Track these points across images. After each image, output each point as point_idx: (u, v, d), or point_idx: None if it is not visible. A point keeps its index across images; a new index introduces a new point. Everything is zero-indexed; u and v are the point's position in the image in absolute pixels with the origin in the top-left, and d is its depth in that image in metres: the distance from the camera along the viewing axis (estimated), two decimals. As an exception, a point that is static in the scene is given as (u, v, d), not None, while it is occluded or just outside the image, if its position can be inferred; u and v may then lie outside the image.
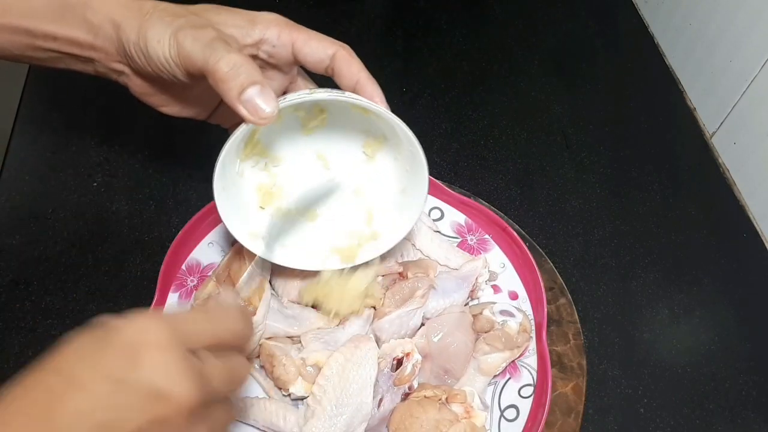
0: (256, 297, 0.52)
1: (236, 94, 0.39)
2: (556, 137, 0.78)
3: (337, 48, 0.45)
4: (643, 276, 0.66)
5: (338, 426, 0.48)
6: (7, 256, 0.62)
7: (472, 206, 0.63)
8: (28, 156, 0.70)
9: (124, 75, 0.46)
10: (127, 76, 0.46)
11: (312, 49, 0.45)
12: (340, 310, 0.53)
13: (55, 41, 0.44)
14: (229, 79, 0.39)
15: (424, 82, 0.82)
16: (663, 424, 0.57)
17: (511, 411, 0.54)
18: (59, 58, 0.46)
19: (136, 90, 0.47)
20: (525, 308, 0.58)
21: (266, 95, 0.40)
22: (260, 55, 0.46)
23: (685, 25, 0.83)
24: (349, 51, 0.46)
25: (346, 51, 0.45)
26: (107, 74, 0.47)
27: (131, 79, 0.47)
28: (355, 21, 0.88)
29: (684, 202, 0.72)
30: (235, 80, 0.39)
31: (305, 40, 0.45)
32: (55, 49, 0.45)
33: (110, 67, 0.46)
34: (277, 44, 0.45)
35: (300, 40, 0.45)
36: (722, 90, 0.75)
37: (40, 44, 0.44)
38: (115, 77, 0.47)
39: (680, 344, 0.62)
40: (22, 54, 0.45)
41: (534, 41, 0.89)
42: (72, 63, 0.46)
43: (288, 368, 0.51)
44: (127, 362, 0.28)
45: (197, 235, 0.60)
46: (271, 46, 0.45)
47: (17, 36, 0.44)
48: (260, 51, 0.46)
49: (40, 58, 0.46)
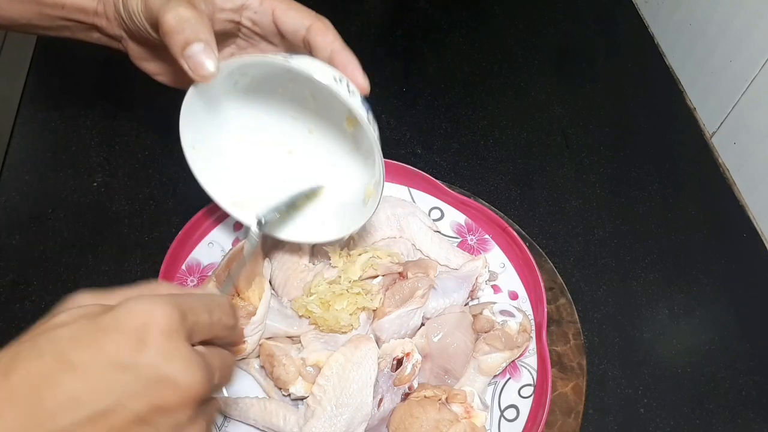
0: (256, 297, 0.52)
1: (179, 48, 0.40)
2: (556, 137, 0.78)
3: (313, 20, 0.45)
4: (643, 276, 0.66)
5: (338, 426, 0.48)
6: (7, 256, 0.62)
7: (472, 206, 0.63)
8: (28, 156, 0.70)
9: (123, 40, 0.47)
10: (126, 42, 0.47)
11: (289, 18, 0.45)
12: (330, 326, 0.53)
13: (63, 9, 0.45)
14: (174, 33, 0.40)
15: (424, 82, 0.82)
16: (663, 424, 0.57)
17: (511, 411, 0.54)
18: (65, 27, 0.47)
19: (133, 55, 0.48)
20: (525, 308, 0.58)
21: (208, 53, 0.40)
22: (243, 22, 0.46)
23: (685, 25, 0.83)
24: (326, 23, 0.45)
25: (322, 23, 0.45)
26: (109, 42, 0.48)
27: (128, 44, 0.48)
28: (355, 21, 0.88)
29: (684, 202, 0.72)
30: (180, 34, 0.40)
31: (284, 9, 0.45)
32: (62, 16, 0.46)
33: (111, 33, 0.47)
34: (258, 11, 0.45)
35: (279, 8, 0.45)
36: (722, 90, 0.75)
37: (48, 12, 0.45)
38: (116, 45, 0.48)
39: (680, 344, 0.62)
40: (29, 23, 0.46)
41: (534, 41, 0.89)
42: (76, 31, 0.47)
43: (288, 368, 0.51)
44: (131, 346, 0.27)
45: (197, 235, 0.60)
46: (252, 13, 0.46)
47: (26, 5, 0.45)
48: (243, 18, 0.46)
49: (46, 26, 0.47)
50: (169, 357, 0.27)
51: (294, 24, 0.45)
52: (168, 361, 0.27)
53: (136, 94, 0.76)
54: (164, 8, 0.40)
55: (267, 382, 0.53)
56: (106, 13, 0.45)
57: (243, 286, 0.53)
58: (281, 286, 0.56)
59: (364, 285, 0.54)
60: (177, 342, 0.28)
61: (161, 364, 0.27)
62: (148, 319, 0.28)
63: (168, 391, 0.27)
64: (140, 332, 0.27)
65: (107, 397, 0.26)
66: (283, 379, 0.51)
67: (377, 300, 0.54)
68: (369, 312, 0.54)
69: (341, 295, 0.53)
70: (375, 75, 0.47)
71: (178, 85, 0.50)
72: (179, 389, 0.27)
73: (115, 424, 0.26)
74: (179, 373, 0.27)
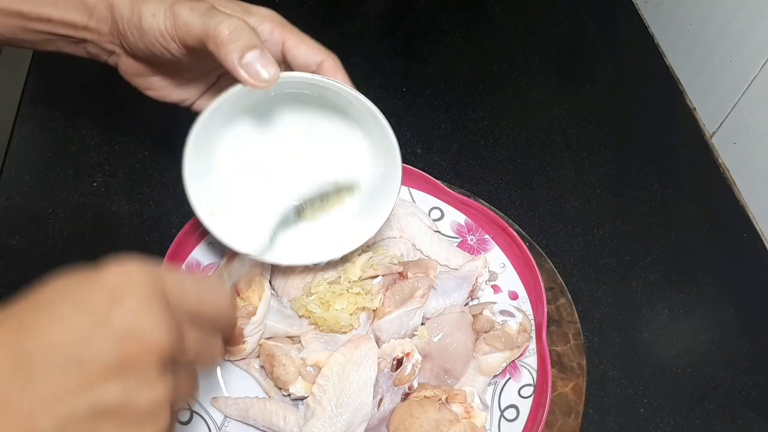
0: (256, 297, 0.52)
1: (237, 57, 0.40)
2: (556, 137, 0.78)
3: (325, 56, 0.46)
4: (643, 276, 0.66)
5: (338, 426, 0.48)
6: (7, 256, 0.62)
7: (472, 206, 0.63)
8: (28, 156, 0.70)
9: (114, 55, 0.47)
10: (118, 57, 0.47)
11: (301, 53, 0.45)
12: (330, 326, 0.53)
13: (49, 23, 0.44)
14: (230, 42, 0.40)
15: (424, 82, 0.82)
16: (663, 424, 0.57)
17: (511, 411, 0.54)
18: (51, 41, 0.46)
19: (125, 70, 0.48)
20: (525, 308, 0.58)
21: (266, 59, 0.40)
22: None
23: (685, 25, 0.83)
24: (336, 62, 0.46)
25: (333, 61, 0.46)
26: (98, 55, 0.47)
27: (122, 60, 0.47)
28: (355, 21, 0.88)
29: (684, 202, 0.72)
30: (236, 43, 0.40)
31: (296, 43, 0.45)
32: (48, 31, 0.45)
33: (102, 47, 0.46)
34: (268, 40, 0.45)
35: (291, 41, 0.45)
36: (722, 90, 0.75)
37: (33, 27, 0.44)
38: (106, 58, 0.48)
39: (680, 344, 0.62)
40: (14, 37, 0.45)
41: (534, 41, 0.89)
42: (63, 45, 0.47)
43: (288, 368, 0.51)
44: (106, 300, 0.28)
45: (197, 235, 0.60)
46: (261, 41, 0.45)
47: (10, 19, 0.44)
48: None
49: (31, 40, 0.46)
50: (138, 313, 0.29)
51: (305, 59, 0.46)
52: (138, 318, 0.28)
53: (136, 95, 0.75)
54: (213, 21, 0.40)
55: (267, 382, 0.53)
56: (98, 29, 0.45)
57: (243, 286, 0.53)
58: (281, 286, 0.56)
59: (364, 285, 0.54)
60: (150, 302, 0.29)
61: (131, 320, 0.28)
62: (126, 278, 0.29)
63: (132, 343, 0.28)
64: (118, 291, 0.29)
65: (79, 345, 0.27)
66: (283, 379, 0.51)
67: (377, 300, 0.54)
68: (369, 312, 0.54)
69: (341, 295, 0.53)
70: (375, 75, 0.47)
71: (168, 100, 0.50)
72: (143, 341, 0.28)
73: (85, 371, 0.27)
74: (147, 329, 0.29)
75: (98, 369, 0.27)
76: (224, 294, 0.36)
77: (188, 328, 0.32)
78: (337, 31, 0.84)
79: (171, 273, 0.32)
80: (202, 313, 0.33)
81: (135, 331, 0.28)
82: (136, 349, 0.28)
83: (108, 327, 0.28)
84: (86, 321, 0.28)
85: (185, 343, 0.31)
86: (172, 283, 0.31)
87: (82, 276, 0.30)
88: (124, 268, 0.30)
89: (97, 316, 0.28)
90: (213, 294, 0.34)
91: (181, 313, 0.31)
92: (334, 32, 0.46)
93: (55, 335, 0.27)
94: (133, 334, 0.28)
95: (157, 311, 0.29)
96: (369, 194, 0.53)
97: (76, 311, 0.28)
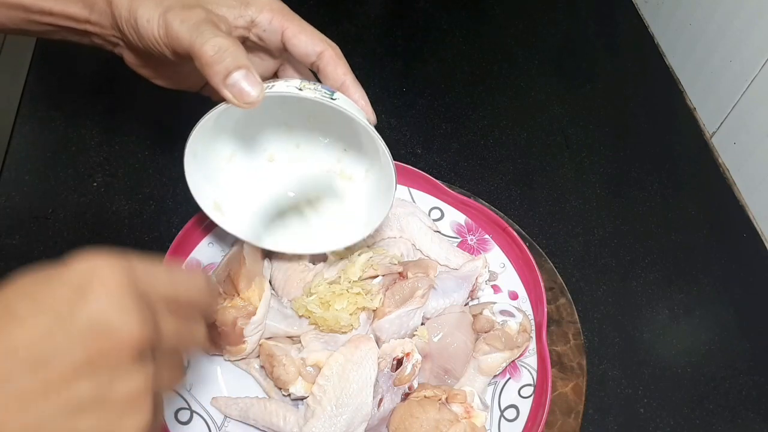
0: (256, 297, 0.52)
1: (221, 78, 0.39)
2: (556, 137, 0.78)
3: (325, 47, 0.45)
4: (643, 276, 0.66)
5: (338, 426, 0.48)
6: (7, 256, 0.62)
7: (472, 206, 0.63)
8: (28, 156, 0.70)
9: (119, 47, 0.47)
10: (122, 48, 0.47)
11: (301, 42, 0.45)
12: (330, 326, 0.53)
13: (51, 16, 0.44)
14: (215, 63, 0.39)
15: (424, 82, 0.82)
16: (663, 424, 0.57)
17: (511, 411, 0.54)
18: (55, 32, 0.46)
19: (130, 62, 0.48)
20: (525, 308, 0.58)
21: (251, 80, 0.40)
22: (251, 37, 0.46)
23: (685, 25, 0.83)
24: (337, 52, 0.46)
25: (334, 51, 0.45)
26: (103, 45, 0.47)
27: (125, 52, 0.47)
28: (355, 21, 0.88)
29: (684, 202, 0.72)
30: (220, 64, 0.39)
31: (295, 32, 0.45)
32: (51, 23, 0.45)
33: (106, 39, 0.46)
34: (267, 29, 0.45)
35: (290, 30, 0.45)
36: (722, 90, 0.75)
37: (36, 18, 0.45)
38: (111, 48, 0.48)
39: (680, 344, 0.62)
40: (19, 27, 0.46)
41: (534, 41, 0.89)
42: (69, 35, 0.47)
43: (288, 368, 0.51)
44: (71, 298, 0.27)
45: (197, 235, 0.60)
46: (261, 30, 0.45)
47: (13, 11, 0.44)
48: (251, 34, 0.46)
49: (36, 31, 0.46)
50: (106, 306, 0.28)
51: (305, 49, 0.45)
52: (105, 312, 0.28)
53: (136, 94, 0.76)
54: (199, 40, 0.40)
55: (267, 382, 0.53)
56: (100, 22, 0.45)
57: (243, 286, 0.53)
58: (281, 286, 0.56)
59: (364, 285, 0.54)
60: (118, 292, 0.28)
61: (97, 313, 0.27)
62: (92, 273, 0.28)
63: (101, 339, 0.27)
64: (82, 285, 0.28)
65: (44, 347, 0.27)
66: (283, 379, 0.51)
67: (377, 300, 0.54)
68: (369, 312, 0.54)
69: (341, 295, 0.53)
70: (375, 75, 0.47)
71: (176, 88, 0.50)
72: (113, 335, 0.28)
73: (52, 372, 0.27)
74: (115, 320, 0.28)
75: (65, 367, 0.27)
76: (198, 278, 0.35)
77: (164, 315, 0.31)
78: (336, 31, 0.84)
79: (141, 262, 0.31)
80: (177, 297, 0.33)
81: (103, 325, 0.27)
82: (105, 344, 0.27)
83: (73, 324, 0.27)
84: (49, 319, 0.27)
85: (162, 331, 0.31)
86: (143, 272, 0.30)
87: (45, 273, 0.29)
88: (89, 263, 0.29)
89: (61, 314, 0.27)
90: (186, 279, 0.34)
91: (154, 301, 0.31)
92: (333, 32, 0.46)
93: (18, 336, 0.26)
94: (100, 329, 0.27)
95: (126, 303, 0.28)
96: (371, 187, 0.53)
97: (39, 310, 0.27)
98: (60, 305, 0.27)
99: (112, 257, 0.29)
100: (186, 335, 0.34)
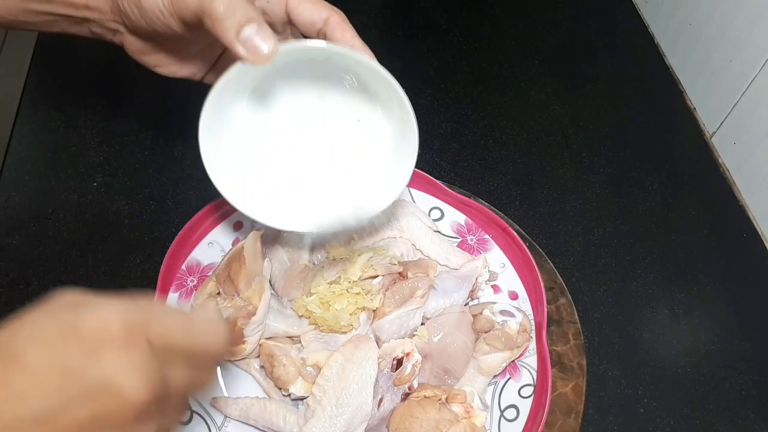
0: (256, 297, 0.52)
1: (234, 33, 0.38)
2: (556, 137, 0.78)
3: (330, 12, 0.45)
4: (643, 276, 0.66)
5: (338, 426, 0.48)
6: (7, 256, 0.62)
7: (472, 206, 0.63)
8: (28, 156, 0.70)
9: (119, 34, 0.46)
10: (122, 35, 0.46)
11: (305, 10, 0.45)
12: (330, 326, 0.53)
13: (50, 3, 0.44)
14: (226, 18, 0.38)
15: (424, 82, 0.82)
16: (663, 424, 0.57)
17: (511, 411, 0.54)
18: (54, 21, 0.45)
19: (131, 48, 0.47)
20: (525, 308, 0.58)
21: (265, 32, 0.39)
22: None
23: (685, 25, 0.83)
24: (343, 17, 0.45)
25: (340, 17, 0.45)
26: (103, 35, 0.46)
27: (126, 38, 0.46)
28: (355, 21, 0.88)
29: (684, 202, 0.72)
30: (231, 18, 0.38)
31: (299, 1, 0.45)
32: (49, 11, 0.44)
33: (105, 26, 0.45)
34: (271, 1, 0.45)
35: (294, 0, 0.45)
36: (722, 90, 0.75)
37: (33, 8, 0.44)
38: (110, 37, 0.47)
39: (680, 344, 0.62)
40: (16, 19, 0.45)
41: (534, 41, 0.89)
42: (67, 25, 0.46)
43: (288, 368, 0.51)
44: (82, 352, 0.27)
45: (197, 235, 0.60)
46: (265, 2, 0.45)
47: (10, 1, 0.43)
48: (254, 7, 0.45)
49: (34, 22, 0.45)
50: (115, 365, 0.27)
51: (311, 16, 0.45)
52: (113, 369, 0.27)
53: (136, 94, 0.76)
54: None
55: (267, 382, 0.53)
56: (99, 7, 0.44)
57: (243, 286, 0.53)
58: (281, 286, 0.57)
59: (364, 285, 0.54)
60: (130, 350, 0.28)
61: (105, 371, 0.27)
62: (103, 326, 0.28)
63: (106, 398, 0.27)
64: (94, 339, 0.27)
65: (52, 400, 0.26)
66: (283, 379, 0.51)
67: (377, 300, 0.54)
68: (369, 312, 0.54)
69: (341, 295, 0.53)
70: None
71: (179, 75, 0.50)
72: (118, 396, 0.27)
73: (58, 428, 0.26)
74: (122, 381, 0.27)
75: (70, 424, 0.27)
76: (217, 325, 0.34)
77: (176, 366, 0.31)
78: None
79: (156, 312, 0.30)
80: (192, 349, 0.32)
81: (110, 386, 0.27)
82: (110, 404, 0.27)
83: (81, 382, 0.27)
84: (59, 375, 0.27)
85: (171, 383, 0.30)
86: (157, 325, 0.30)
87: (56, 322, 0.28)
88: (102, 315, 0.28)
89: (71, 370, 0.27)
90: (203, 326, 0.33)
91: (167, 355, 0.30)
92: (334, 32, 0.47)
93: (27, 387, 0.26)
94: (107, 389, 0.27)
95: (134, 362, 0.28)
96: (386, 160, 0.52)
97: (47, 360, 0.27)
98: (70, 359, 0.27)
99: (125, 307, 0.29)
100: (196, 383, 0.33)
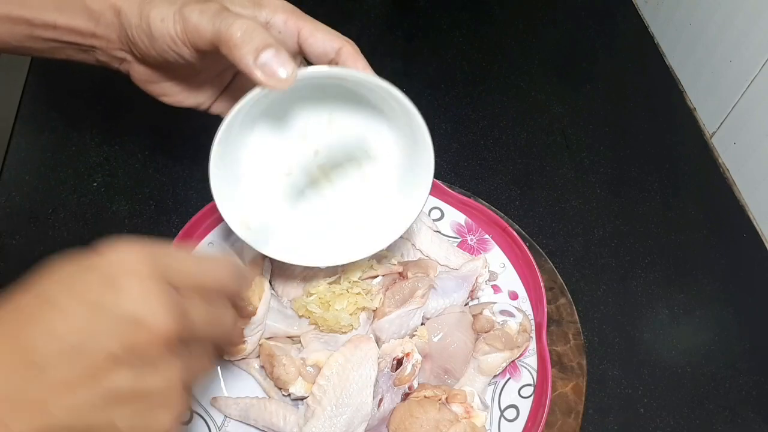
0: (256, 297, 0.52)
1: (252, 58, 0.38)
2: (556, 137, 0.78)
3: (342, 43, 0.45)
4: (643, 276, 0.66)
5: (338, 426, 0.48)
6: (7, 256, 0.62)
7: (472, 206, 0.63)
8: (28, 156, 0.70)
9: (126, 62, 0.46)
10: (129, 64, 0.46)
11: (317, 41, 0.45)
12: (330, 326, 0.53)
13: (56, 30, 0.43)
14: (244, 44, 0.38)
15: (424, 82, 0.82)
16: (663, 424, 0.57)
17: (511, 411, 0.54)
18: (59, 48, 0.45)
19: (138, 78, 0.47)
20: (525, 308, 0.58)
21: (283, 57, 0.39)
22: None
23: (685, 25, 0.83)
24: (355, 48, 0.45)
25: (352, 47, 0.45)
26: (109, 63, 0.46)
27: (133, 67, 0.46)
28: (355, 21, 0.88)
29: (684, 202, 0.72)
30: (249, 44, 0.38)
31: (311, 31, 0.45)
32: (55, 38, 0.44)
33: (112, 54, 0.45)
34: (282, 31, 0.44)
35: (306, 29, 0.45)
36: (722, 90, 0.75)
37: (39, 34, 0.43)
38: (117, 65, 0.46)
39: (680, 344, 0.62)
40: (21, 45, 0.44)
41: (534, 41, 0.89)
42: (73, 53, 0.46)
43: (288, 368, 0.51)
44: (105, 288, 0.28)
45: (197, 235, 0.60)
46: (276, 32, 0.45)
47: (16, 26, 0.43)
48: None
49: (39, 48, 0.45)
50: (138, 298, 0.29)
51: (323, 47, 0.45)
52: (137, 302, 0.28)
53: (136, 94, 0.76)
54: (224, 24, 0.39)
55: (267, 382, 0.53)
56: (107, 36, 0.44)
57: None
58: (281, 286, 0.56)
59: (364, 285, 0.54)
60: (149, 284, 0.29)
61: (131, 305, 0.28)
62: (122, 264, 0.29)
63: (136, 331, 0.28)
64: (114, 276, 0.29)
65: (83, 335, 0.27)
66: (283, 379, 0.51)
67: (377, 300, 0.54)
68: (369, 312, 0.54)
69: (341, 295, 0.53)
70: (375, 75, 0.47)
71: (185, 105, 0.49)
72: (147, 328, 0.28)
73: (90, 361, 0.27)
74: (148, 314, 0.28)
75: (104, 357, 0.27)
76: (225, 262, 0.35)
77: (194, 303, 0.32)
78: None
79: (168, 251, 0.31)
80: (205, 284, 0.33)
81: (136, 319, 0.28)
82: (139, 337, 0.28)
83: (107, 315, 0.28)
84: (86, 309, 0.28)
85: (192, 320, 0.31)
86: (171, 261, 0.31)
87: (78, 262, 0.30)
88: (119, 253, 0.29)
89: (96, 304, 0.28)
90: (214, 265, 0.34)
91: (183, 290, 0.31)
92: (334, 32, 0.47)
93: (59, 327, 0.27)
94: (134, 322, 0.28)
95: (156, 295, 0.29)
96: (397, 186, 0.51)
97: (75, 300, 0.28)
98: (95, 296, 0.28)
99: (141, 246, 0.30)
100: (216, 322, 0.34)
